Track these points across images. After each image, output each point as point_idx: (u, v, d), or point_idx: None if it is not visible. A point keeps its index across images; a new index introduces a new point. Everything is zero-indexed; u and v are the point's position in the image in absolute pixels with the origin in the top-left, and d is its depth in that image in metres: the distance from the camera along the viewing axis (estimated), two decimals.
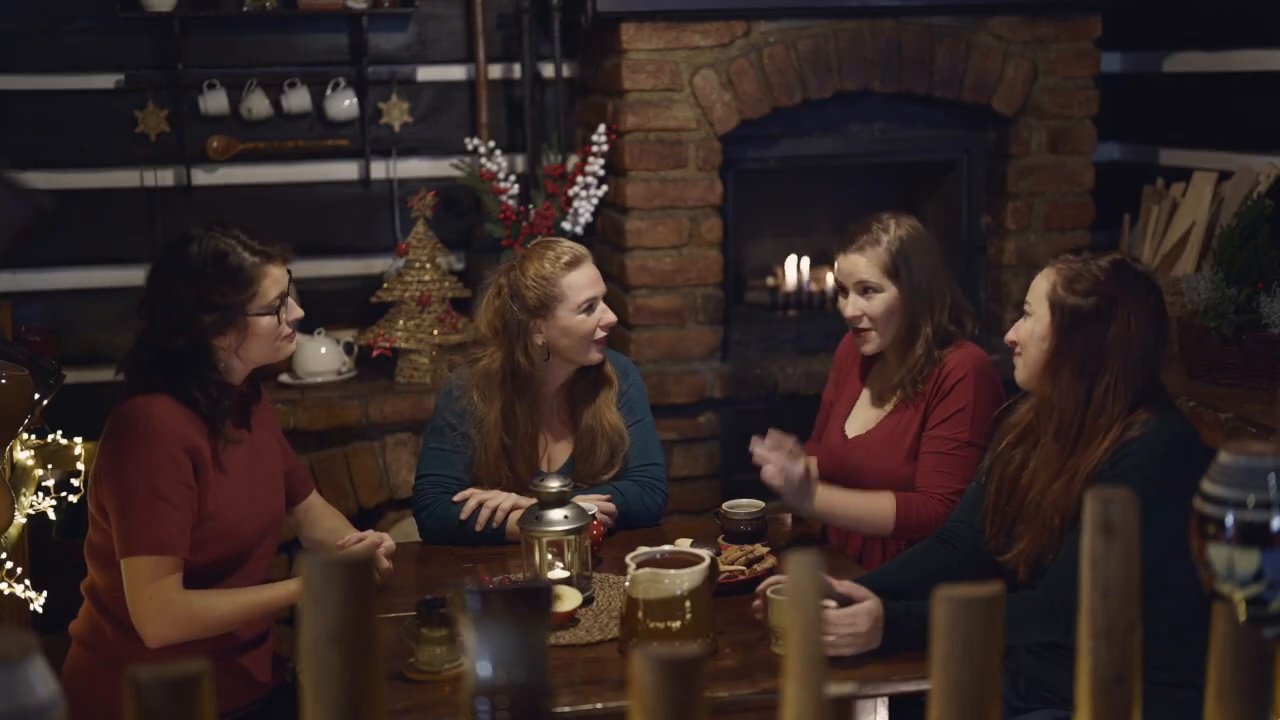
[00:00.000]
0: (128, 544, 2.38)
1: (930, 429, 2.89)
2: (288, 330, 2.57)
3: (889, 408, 2.96)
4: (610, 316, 2.96)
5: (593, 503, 2.84)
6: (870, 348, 2.97)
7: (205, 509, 2.45)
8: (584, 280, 2.93)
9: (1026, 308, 2.50)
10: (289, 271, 2.58)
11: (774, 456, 2.70)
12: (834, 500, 2.80)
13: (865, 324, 2.94)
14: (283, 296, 2.55)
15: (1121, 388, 2.36)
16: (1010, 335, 2.54)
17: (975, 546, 2.58)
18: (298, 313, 2.60)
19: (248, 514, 2.54)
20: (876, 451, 2.93)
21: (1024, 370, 2.50)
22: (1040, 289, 2.46)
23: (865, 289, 2.93)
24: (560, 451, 3.03)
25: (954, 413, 2.86)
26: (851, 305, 2.94)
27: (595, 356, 2.97)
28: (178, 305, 2.46)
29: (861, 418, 3.03)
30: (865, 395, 3.05)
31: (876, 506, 2.81)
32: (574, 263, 2.93)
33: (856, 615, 2.29)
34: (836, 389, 3.18)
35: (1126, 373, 2.36)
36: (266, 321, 2.50)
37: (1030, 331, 2.46)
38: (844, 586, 2.35)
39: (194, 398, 2.46)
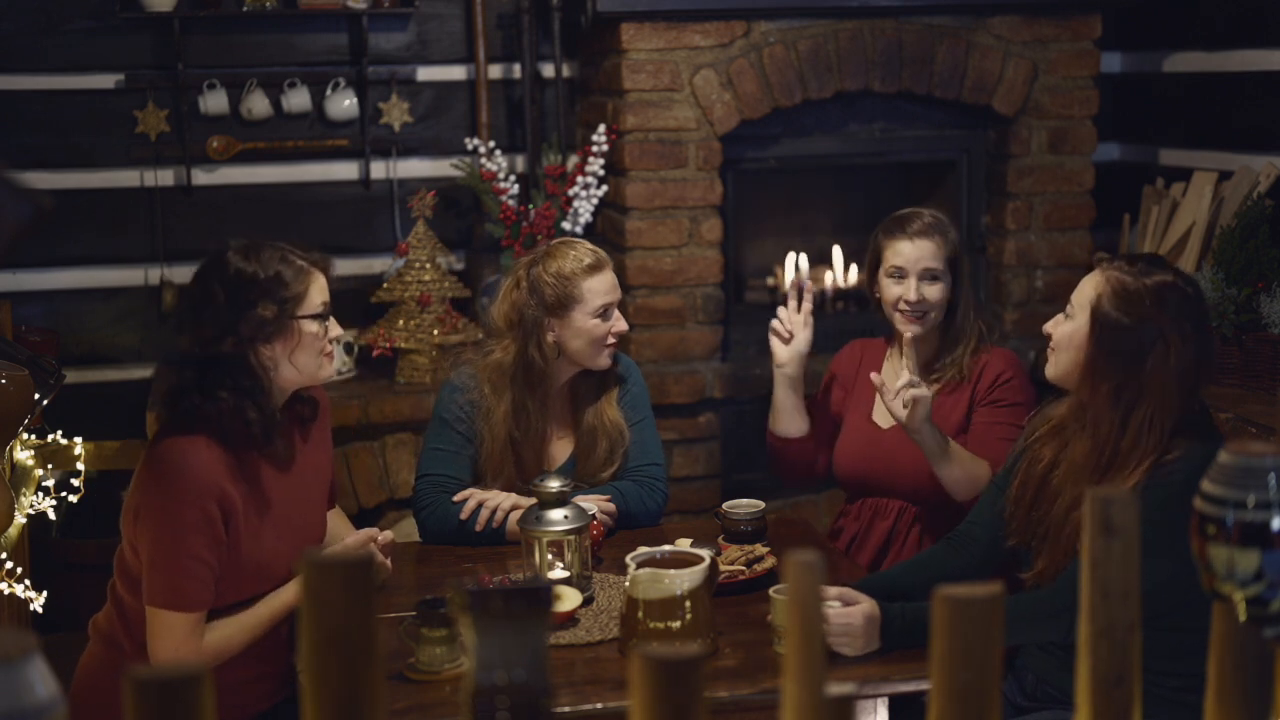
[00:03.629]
0: (152, 594, 2.37)
1: (986, 416, 2.97)
2: (329, 346, 2.54)
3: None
4: (623, 325, 2.98)
5: (593, 503, 2.84)
6: (917, 330, 3.02)
7: (239, 553, 2.43)
8: (603, 285, 2.94)
9: (1069, 309, 2.45)
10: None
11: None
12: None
13: (924, 308, 3.01)
14: (327, 306, 2.53)
15: (1159, 419, 2.30)
16: (1048, 328, 2.50)
17: (988, 546, 2.57)
18: (338, 330, 2.57)
19: (286, 547, 2.50)
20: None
21: (1055, 369, 2.47)
22: (1086, 293, 2.40)
23: (932, 275, 3.02)
24: (561, 449, 3.03)
25: (1012, 404, 2.97)
26: (914, 289, 3.01)
27: (604, 362, 2.97)
28: (224, 309, 2.42)
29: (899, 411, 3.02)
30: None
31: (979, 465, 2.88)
32: (596, 267, 2.94)
33: (851, 615, 2.30)
34: (844, 394, 3.21)
35: (1164, 404, 2.30)
36: (315, 327, 2.48)
37: (1069, 335, 2.42)
38: (836, 592, 2.35)
39: (237, 427, 2.41)
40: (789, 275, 4.46)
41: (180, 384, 2.43)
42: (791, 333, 3.16)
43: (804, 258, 4.57)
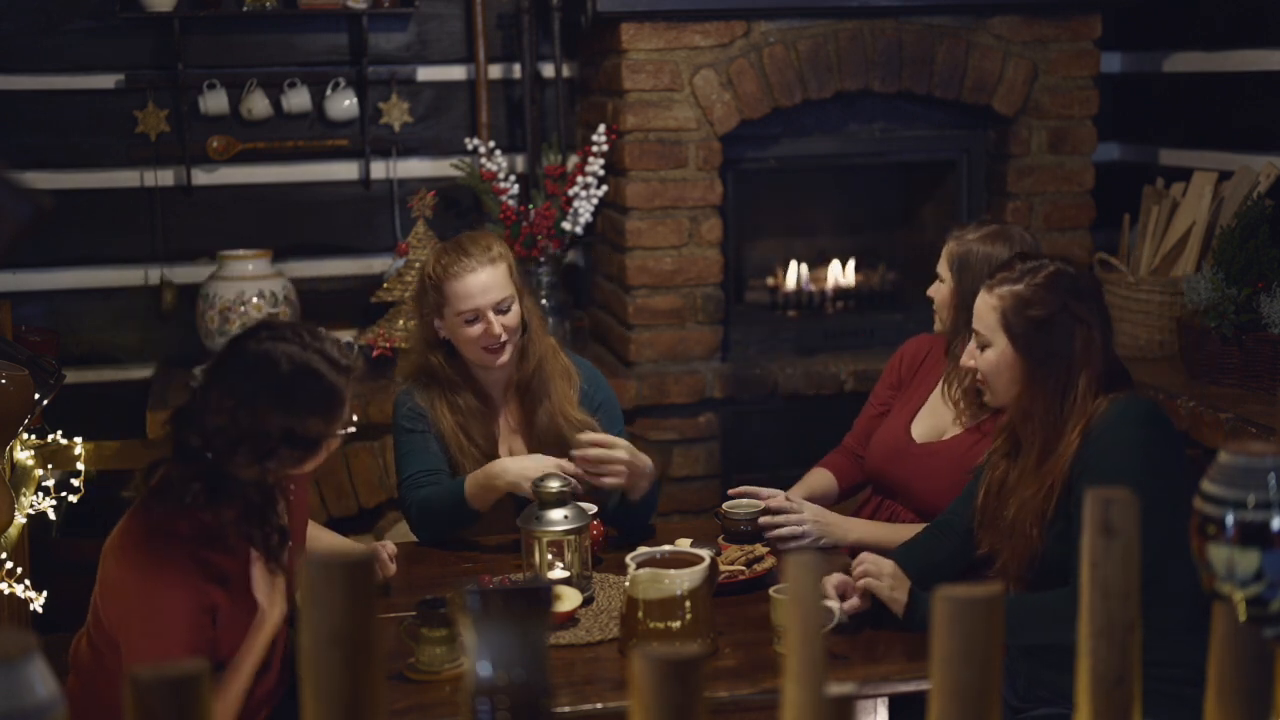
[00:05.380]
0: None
1: None
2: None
3: (965, 421, 2.91)
4: (495, 330, 2.84)
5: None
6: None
7: (228, 637, 2.28)
8: (467, 291, 2.83)
9: (979, 338, 2.49)
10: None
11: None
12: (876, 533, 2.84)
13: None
14: (349, 424, 2.31)
15: (1092, 390, 2.40)
16: (968, 363, 2.54)
17: (965, 535, 2.60)
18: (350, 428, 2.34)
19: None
20: (946, 463, 2.86)
21: (997, 396, 2.51)
22: (990, 319, 2.46)
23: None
24: (519, 448, 2.99)
25: None
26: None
27: (488, 361, 2.89)
28: (261, 434, 2.19)
29: (931, 423, 2.98)
30: (936, 401, 2.99)
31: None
32: (465, 270, 2.83)
33: (881, 560, 2.43)
34: (897, 389, 3.13)
35: (1095, 375, 2.40)
36: (338, 443, 2.30)
37: (995, 362, 2.46)
38: (837, 580, 2.43)
39: (237, 528, 2.23)
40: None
41: (182, 475, 2.21)
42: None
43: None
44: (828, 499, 3.09)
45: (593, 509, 2.74)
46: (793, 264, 4.67)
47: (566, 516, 2.59)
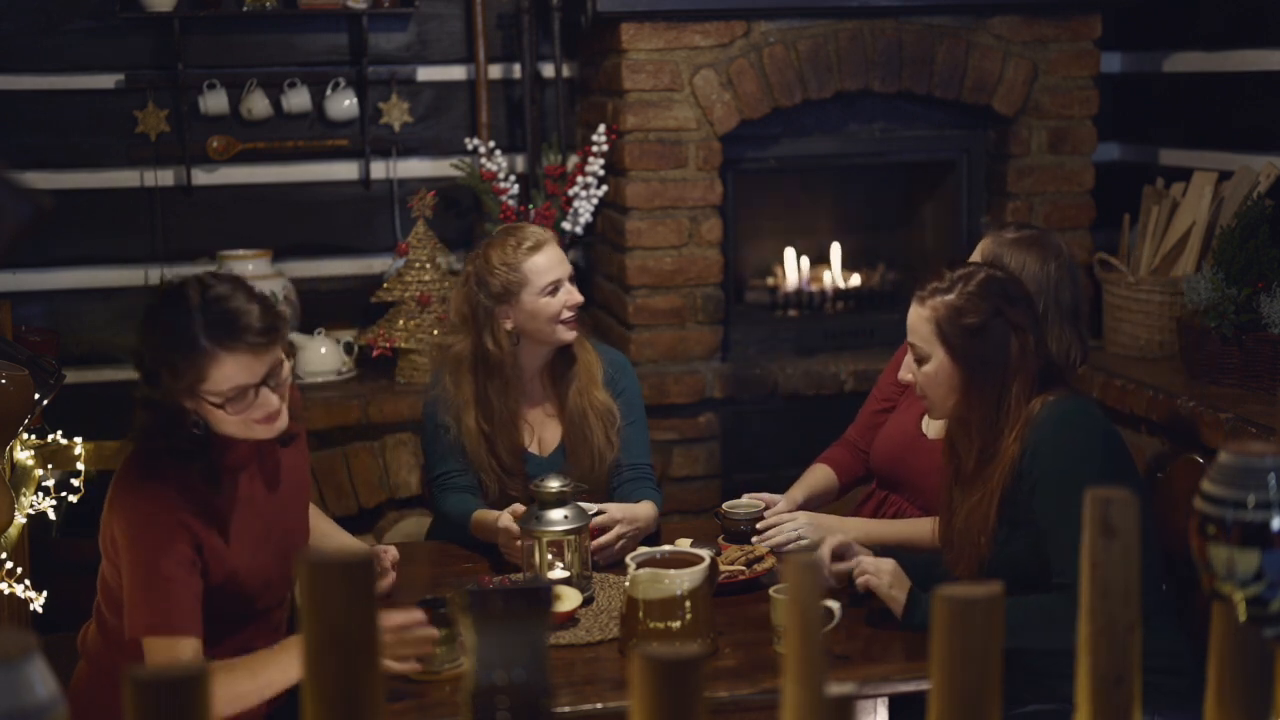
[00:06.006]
0: (134, 625, 2.28)
1: None
2: (259, 416, 2.28)
3: None
4: (576, 296, 3.01)
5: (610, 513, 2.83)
6: None
7: (217, 572, 2.34)
8: (547, 263, 2.97)
9: (915, 351, 2.49)
10: (286, 355, 2.31)
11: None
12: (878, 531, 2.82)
13: None
14: (242, 390, 2.23)
15: (1025, 395, 2.41)
16: (906, 376, 2.54)
17: None
18: (270, 405, 2.27)
19: (267, 566, 2.42)
20: None
21: (938, 409, 2.52)
22: (924, 330, 2.46)
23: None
24: (551, 434, 3.06)
25: None
26: None
27: (566, 336, 3.00)
28: (140, 366, 2.29)
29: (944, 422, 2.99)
30: None
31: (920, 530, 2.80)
32: (536, 247, 2.98)
33: (880, 561, 2.42)
34: (904, 385, 3.12)
35: (1029, 379, 2.41)
36: (218, 412, 2.25)
37: (934, 375, 2.47)
38: (834, 543, 2.48)
39: (199, 459, 2.30)
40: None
41: (139, 416, 2.32)
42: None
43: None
44: (828, 495, 3.09)
45: (593, 508, 2.74)
46: (791, 262, 4.67)
47: (566, 516, 2.59)
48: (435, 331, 4.16)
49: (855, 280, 4.70)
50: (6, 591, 2.93)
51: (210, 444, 2.32)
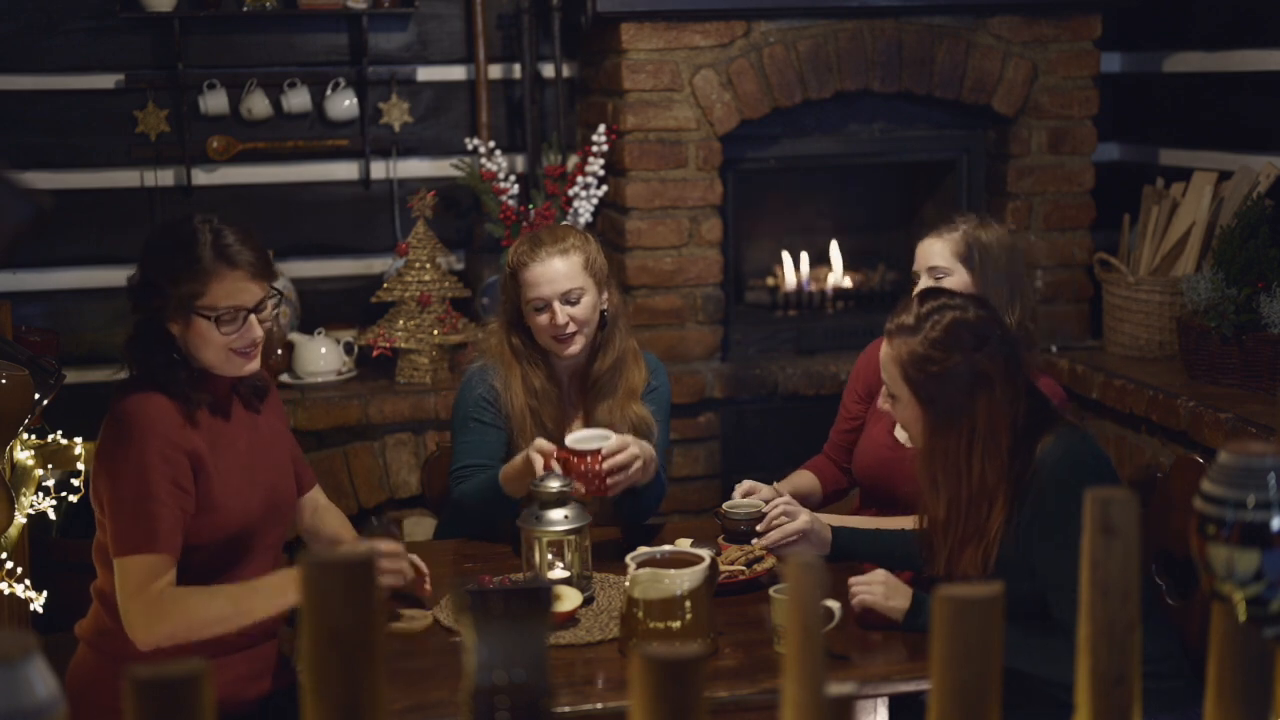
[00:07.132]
0: (118, 544, 2.34)
1: None
2: (241, 345, 2.44)
3: None
4: (560, 320, 2.87)
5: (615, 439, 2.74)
6: None
7: (204, 502, 2.42)
8: (537, 278, 2.88)
9: (888, 390, 2.47)
10: (275, 293, 2.49)
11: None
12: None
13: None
14: (236, 310, 2.42)
15: (994, 446, 2.34)
16: (884, 406, 2.53)
17: None
18: (255, 333, 2.46)
19: (252, 503, 2.49)
20: None
21: (914, 441, 2.49)
22: (892, 370, 2.42)
23: (938, 274, 2.90)
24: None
25: None
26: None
27: (560, 351, 2.91)
28: (140, 280, 2.46)
29: None
30: None
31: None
32: (536, 258, 2.89)
33: (870, 576, 2.41)
34: (867, 400, 3.08)
35: (995, 429, 2.34)
36: (204, 325, 2.40)
37: (903, 413, 2.45)
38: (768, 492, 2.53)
39: (180, 388, 2.43)
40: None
41: (133, 352, 2.48)
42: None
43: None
44: (811, 500, 3.07)
45: (608, 435, 2.72)
46: (791, 263, 4.67)
47: (566, 516, 2.59)
48: (435, 332, 4.16)
49: (855, 280, 4.70)
50: (6, 591, 2.94)
51: (189, 376, 2.45)
